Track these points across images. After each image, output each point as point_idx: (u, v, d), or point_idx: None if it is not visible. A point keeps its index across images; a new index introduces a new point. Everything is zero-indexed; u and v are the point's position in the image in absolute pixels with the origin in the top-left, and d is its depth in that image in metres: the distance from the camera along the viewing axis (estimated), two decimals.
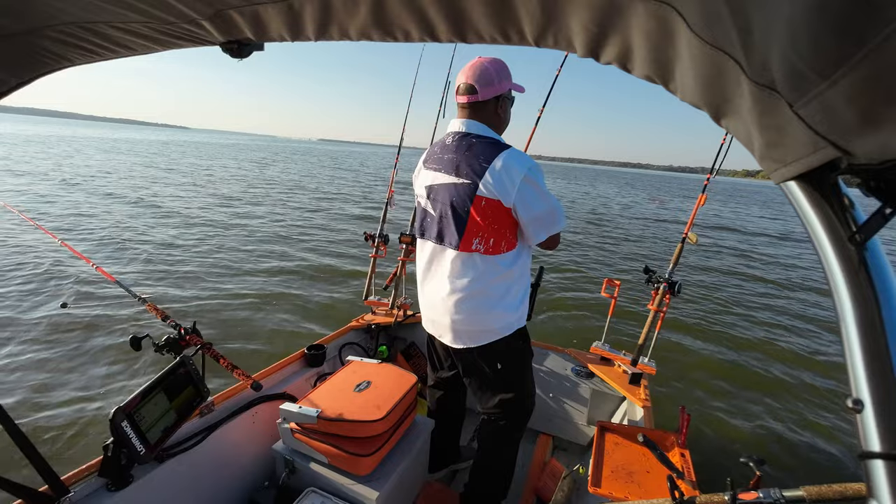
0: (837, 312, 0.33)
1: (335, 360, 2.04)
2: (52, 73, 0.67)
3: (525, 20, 0.40)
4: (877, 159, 0.30)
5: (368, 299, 2.37)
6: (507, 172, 1.18)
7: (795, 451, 2.92)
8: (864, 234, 0.33)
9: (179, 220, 8.44)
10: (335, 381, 1.52)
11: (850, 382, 0.31)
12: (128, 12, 0.49)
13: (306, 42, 0.54)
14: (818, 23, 0.24)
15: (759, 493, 0.82)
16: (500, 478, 1.52)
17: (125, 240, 6.50)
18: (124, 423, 1.08)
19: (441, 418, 1.70)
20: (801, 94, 0.30)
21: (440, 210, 1.30)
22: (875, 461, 0.29)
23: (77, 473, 1.10)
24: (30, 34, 0.56)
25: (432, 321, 1.43)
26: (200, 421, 1.40)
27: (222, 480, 1.45)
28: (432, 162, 1.34)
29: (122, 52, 0.60)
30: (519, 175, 1.17)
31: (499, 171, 1.18)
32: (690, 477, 1.27)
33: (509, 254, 1.27)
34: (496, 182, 1.18)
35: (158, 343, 1.30)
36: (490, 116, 1.29)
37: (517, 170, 1.18)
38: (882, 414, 0.29)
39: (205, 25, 0.51)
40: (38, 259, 5.18)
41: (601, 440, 1.48)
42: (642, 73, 0.41)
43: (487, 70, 1.24)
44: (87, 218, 7.81)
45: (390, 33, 0.47)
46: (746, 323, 5.28)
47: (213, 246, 6.62)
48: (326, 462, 1.35)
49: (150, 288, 4.70)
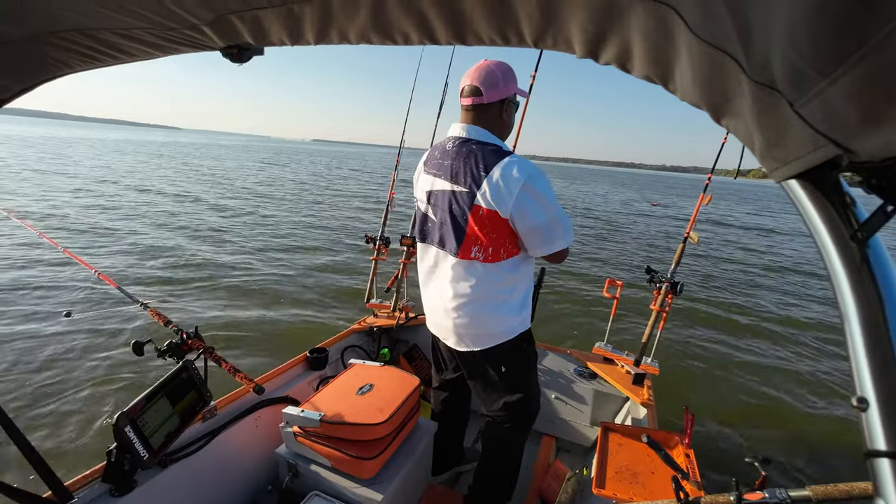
0: (841, 311, 0.33)
1: (337, 364, 2.04)
2: (54, 79, 0.67)
3: (524, 22, 0.40)
4: (878, 157, 0.30)
5: (370, 302, 2.37)
6: (504, 181, 1.14)
7: (801, 451, 2.90)
8: (866, 232, 0.33)
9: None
10: (337, 384, 1.52)
11: (855, 381, 0.31)
12: (129, 19, 0.49)
13: (306, 46, 0.54)
14: (818, 21, 0.24)
15: (764, 493, 0.82)
16: (505, 480, 1.52)
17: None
18: (127, 429, 1.08)
19: (445, 420, 1.69)
20: (801, 92, 0.30)
21: (441, 216, 1.29)
22: (881, 460, 0.29)
23: (81, 479, 1.11)
24: (32, 41, 0.56)
25: (436, 324, 1.43)
26: (203, 425, 1.40)
27: (225, 485, 1.45)
28: (432, 166, 1.33)
29: (124, 59, 0.61)
30: (517, 184, 1.13)
31: (497, 180, 1.14)
32: (695, 477, 1.26)
33: (511, 260, 1.25)
34: (493, 191, 1.15)
35: (161, 348, 1.30)
36: (494, 120, 1.26)
37: (516, 178, 1.13)
38: (887, 412, 0.29)
39: (205, 31, 0.51)
40: (43, 267, 5.20)
41: (605, 441, 1.47)
42: (642, 74, 0.41)
43: (493, 72, 1.21)
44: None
45: (390, 36, 0.47)
46: (750, 322, 5.26)
47: (214, 245, 6.64)
48: (329, 465, 1.35)
49: (158, 292, 4.71)
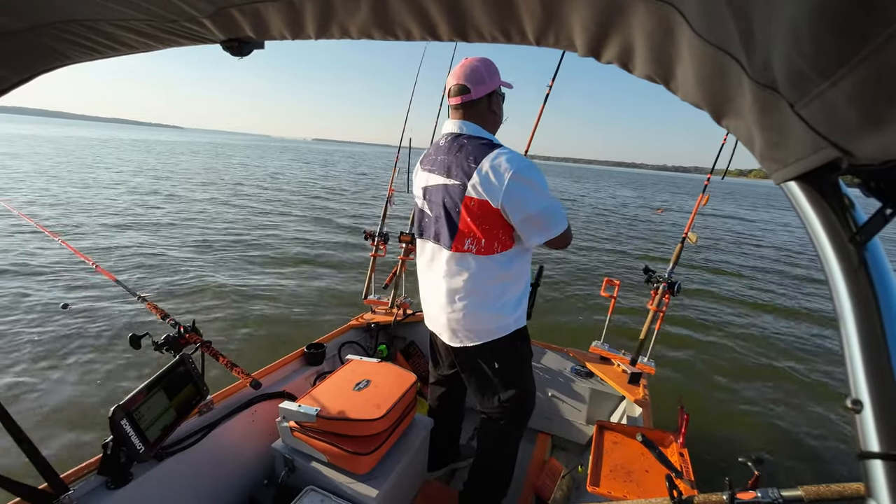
0: (837, 313, 0.33)
1: (335, 359, 2.04)
2: (52, 70, 0.67)
3: (526, 19, 0.40)
4: (878, 160, 0.30)
5: (368, 298, 2.37)
6: (494, 172, 1.17)
7: (794, 451, 2.93)
8: (865, 234, 0.33)
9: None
10: (334, 379, 1.52)
11: (850, 383, 0.31)
12: (129, 10, 0.49)
13: (306, 41, 0.54)
14: (819, 23, 0.24)
15: (757, 493, 0.82)
16: (500, 477, 1.53)
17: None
18: (124, 422, 1.08)
19: (441, 416, 1.70)
20: (802, 93, 0.30)
21: (436, 211, 1.32)
22: (874, 461, 0.29)
23: (76, 471, 1.10)
24: (31, 32, 0.56)
25: (432, 319, 1.44)
26: (200, 419, 1.40)
27: (222, 479, 1.46)
28: (427, 163, 1.37)
29: (123, 50, 0.60)
30: (506, 174, 1.16)
31: (486, 171, 1.18)
32: (689, 476, 1.27)
33: (504, 254, 1.27)
34: (483, 182, 1.18)
35: (158, 342, 1.30)
36: (484, 114, 1.30)
37: (505, 169, 1.16)
38: (881, 414, 0.29)
39: (206, 23, 0.50)
40: (41, 258, 5.18)
41: (600, 439, 1.48)
42: (643, 73, 0.41)
43: (478, 69, 1.25)
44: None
45: (391, 32, 0.47)
46: (745, 322, 5.28)
47: (215, 245, 6.62)
48: (326, 461, 1.36)
49: (159, 286, 4.70)
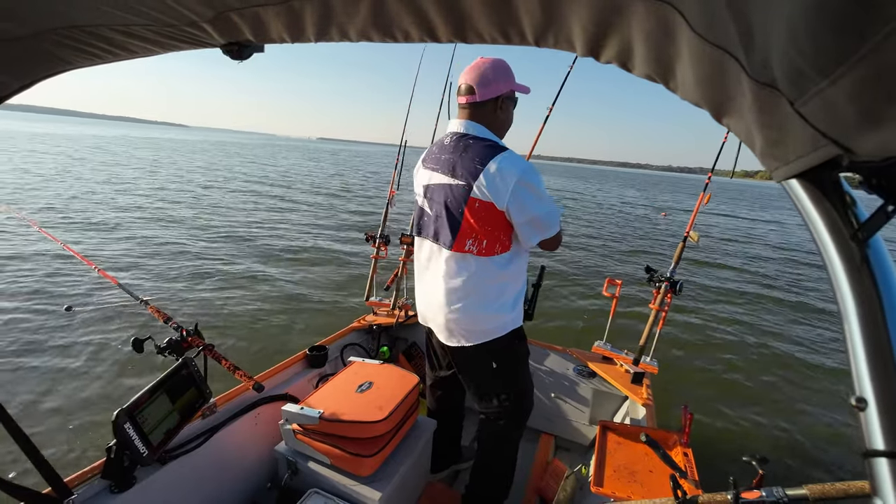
0: (840, 311, 0.33)
1: (337, 361, 2.04)
2: (53, 76, 0.67)
3: (525, 20, 0.40)
4: (878, 157, 0.30)
5: (370, 300, 2.37)
6: (501, 175, 1.18)
7: (798, 450, 2.91)
8: (867, 231, 0.33)
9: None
10: (337, 381, 1.52)
11: (854, 380, 0.31)
12: (129, 16, 0.49)
13: (306, 44, 0.54)
14: (817, 21, 0.24)
15: (761, 492, 0.82)
16: (501, 478, 1.52)
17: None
18: (127, 425, 1.08)
19: (441, 418, 1.70)
20: (801, 91, 0.30)
21: (436, 210, 1.31)
22: (879, 459, 0.29)
23: (80, 475, 1.11)
24: (33, 38, 0.56)
25: (427, 318, 1.44)
26: (203, 422, 1.40)
27: (225, 482, 1.46)
28: (430, 161, 1.36)
29: (123, 55, 0.61)
30: (513, 178, 1.17)
31: (493, 173, 1.18)
32: (693, 476, 1.27)
33: (503, 255, 1.28)
34: (490, 184, 1.19)
35: (160, 345, 1.31)
36: (489, 117, 1.29)
37: (511, 173, 1.18)
38: (886, 412, 0.29)
39: (205, 28, 0.51)
40: (43, 262, 5.20)
41: (603, 440, 1.48)
42: (643, 72, 0.41)
43: (485, 71, 1.25)
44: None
45: (390, 34, 0.47)
46: (749, 321, 5.27)
47: (215, 246, 6.63)
48: (329, 463, 1.35)
49: (164, 288, 4.71)
